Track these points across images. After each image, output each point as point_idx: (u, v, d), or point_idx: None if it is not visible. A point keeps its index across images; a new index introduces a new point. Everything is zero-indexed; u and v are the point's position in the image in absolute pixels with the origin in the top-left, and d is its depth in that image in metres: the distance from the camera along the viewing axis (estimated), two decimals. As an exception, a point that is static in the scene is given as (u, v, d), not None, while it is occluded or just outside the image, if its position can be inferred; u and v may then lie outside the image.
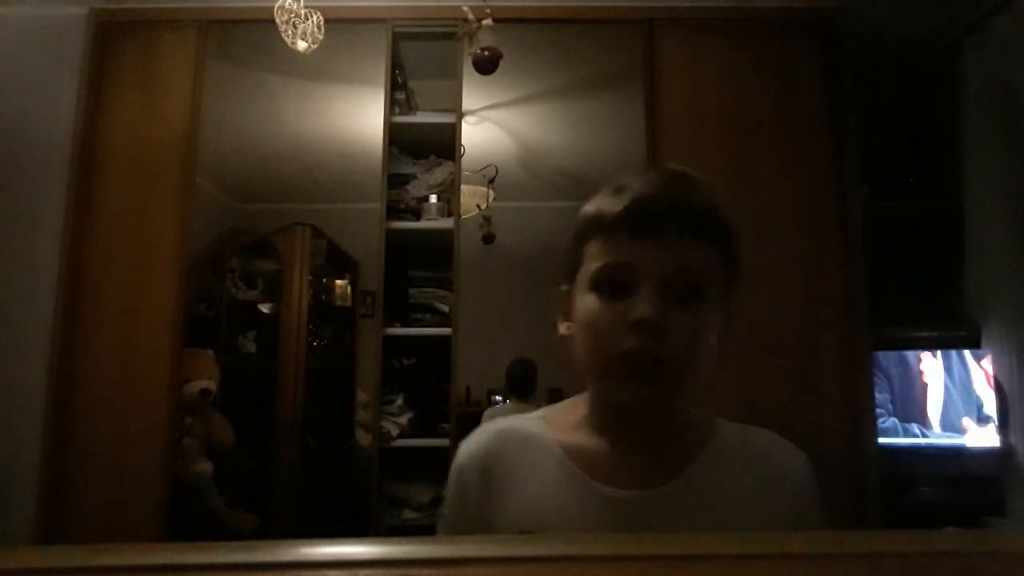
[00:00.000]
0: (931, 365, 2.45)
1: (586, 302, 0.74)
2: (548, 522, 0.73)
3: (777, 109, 2.39)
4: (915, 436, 2.43)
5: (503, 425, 0.83)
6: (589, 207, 0.78)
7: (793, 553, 0.33)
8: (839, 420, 2.22)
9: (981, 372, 2.37)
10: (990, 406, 2.35)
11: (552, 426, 0.81)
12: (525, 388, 2.39)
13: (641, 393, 0.71)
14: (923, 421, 2.44)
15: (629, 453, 0.76)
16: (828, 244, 2.32)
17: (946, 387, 2.42)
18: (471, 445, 0.82)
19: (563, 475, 0.76)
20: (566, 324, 0.79)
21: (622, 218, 0.72)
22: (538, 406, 0.89)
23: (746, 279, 0.78)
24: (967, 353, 2.41)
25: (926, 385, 2.45)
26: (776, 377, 2.24)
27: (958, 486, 2.40)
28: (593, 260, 0.75)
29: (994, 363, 2.37)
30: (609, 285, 0.73)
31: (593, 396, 0.80)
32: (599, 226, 0.75)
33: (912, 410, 2.45)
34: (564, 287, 0.81)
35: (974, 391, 2.38)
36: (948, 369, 2.42)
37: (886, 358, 2.49)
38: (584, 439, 0.79)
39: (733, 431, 0.80)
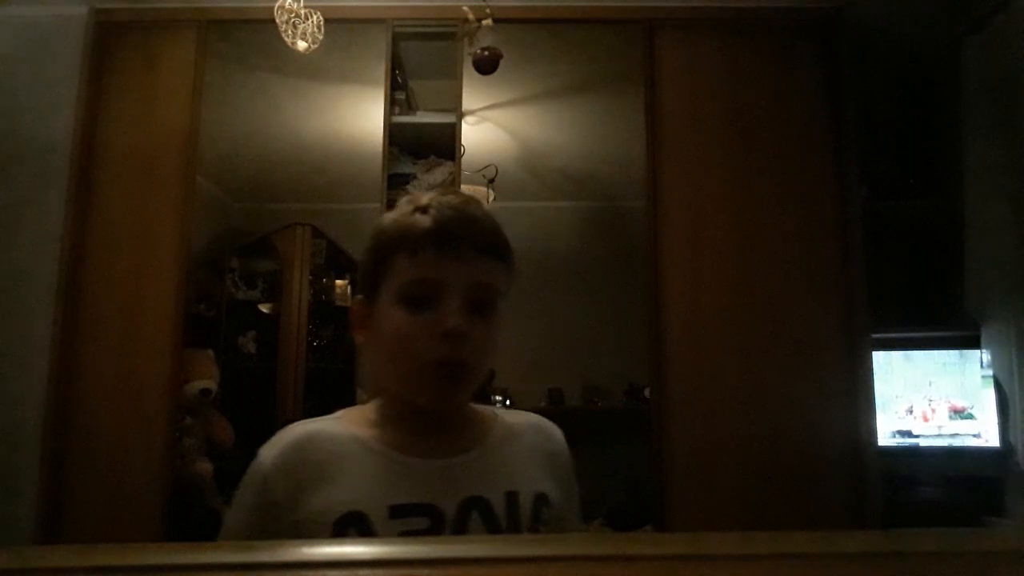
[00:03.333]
0: (932, 369, 2.44)
1: (394, 313, 0.80)
2: (368, 496, 0.78)
3: (777, 109, 2.39)
4: (914, 437, 2.43)
5: (305, 429, 0.85)
6: (388, 223, 0.84)
7: (793, 553, 0.33)
8: (839, 420, 2.22)
9: (979, 378, 2.36)
10: (988, 413, 2.34)
11: (351, 424, 0.86)
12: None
13: (445, 395, 0.81)
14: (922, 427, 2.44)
15: (428, 439, 0.84)
16: (828, 244, 2.32)
17: (946, 396, 2.41)
18: (274, 451, 0.83)
19: (373, 456, 0.82)
20: (362, 332, 0.86)
21: (430, 236, 0.79)
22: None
23: (747, 279, 0.82)
24: (967, 359, 2.40)
25: (928, 391, 2.44)
26: (776, 377, 2.24)
27: (958, 486, 2.40)
28: (400, 274, 0.80)
29: (994, 362, 2.37)
30: (415, 298, 0.79)
31: (390, 399, 0.86)
32: (406, 241, 0.80)
33: (911, 414, 2.45)
34: (359, 297, 0.86)
35: (972, 400, 2.37)
36: (948, 374, 2.41)
37: (888, 359, 2.48)
38: (384, 432, 0.84)
39: (511, 414, 0.93)
